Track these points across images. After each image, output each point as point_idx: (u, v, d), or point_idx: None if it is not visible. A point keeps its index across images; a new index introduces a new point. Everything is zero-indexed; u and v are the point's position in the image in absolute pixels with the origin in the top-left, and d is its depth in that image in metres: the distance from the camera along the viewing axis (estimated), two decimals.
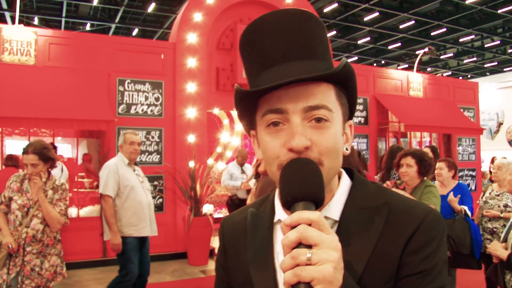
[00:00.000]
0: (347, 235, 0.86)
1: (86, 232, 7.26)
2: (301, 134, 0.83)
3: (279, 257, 0.93)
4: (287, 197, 0.76)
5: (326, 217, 0.89)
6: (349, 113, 0.98)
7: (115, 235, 4.51)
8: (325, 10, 17.37)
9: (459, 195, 4.52)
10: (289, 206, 0.76)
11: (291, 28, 0.88)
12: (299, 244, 0.68)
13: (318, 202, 0.76)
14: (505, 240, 3.61)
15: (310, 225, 0.69)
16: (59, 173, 6.76)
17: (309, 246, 0.68)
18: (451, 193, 4.55)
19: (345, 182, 0.97)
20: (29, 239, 3.70)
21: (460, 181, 5.35)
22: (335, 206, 0.91)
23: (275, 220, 0.98)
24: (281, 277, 0.88)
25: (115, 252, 4.62)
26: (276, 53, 0.88)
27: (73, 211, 7.57)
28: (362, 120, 10.43)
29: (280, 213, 0.97)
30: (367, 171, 4.77)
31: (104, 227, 4.83)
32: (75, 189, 7.94)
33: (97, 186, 7.60)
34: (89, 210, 7.67)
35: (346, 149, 0.94)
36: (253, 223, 1.03)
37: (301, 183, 0.76)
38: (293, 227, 0.71)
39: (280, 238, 0.91)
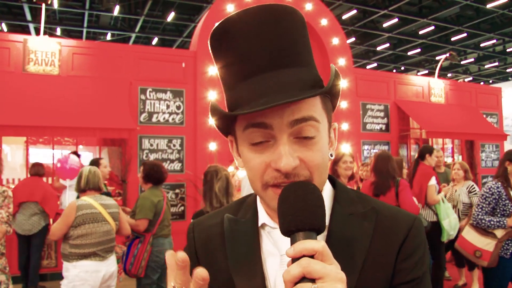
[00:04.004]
0: (339, 242, 0.85)
1: None
2: (289, 154, 0.79)
3: (267, 263, 0.90)
4: (291, 227, 0.71)
5: None
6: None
7: None
8: (344, 17, 17.33)
9: None
10: (289, 235, 0.72)
11: (272, 29, 0.80)
12: (303, 278, 0.64)
13: (319, 232, 0.72)
14: None
15: (313, 255, 0.66)
16: None
17: (313, 280, 0.64)
18: None
19: (328, 187, 0.96)
20: None
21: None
22: None
23: (260, 224, 0.94)
24: (270, 283, 0.88)
25: None
26: (256, 60, 0.80)
27: None
28: (383, 127, 10.33)
29: (264, 217, 0.94)
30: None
31: None
32: None
33: (120, 194, 7.68)
34: None
35: (331, 155, 0.90)
36: (232, 229, 0.97)
37: (308, 213, 0.71)
38: (294, 259, 0.67)
39: (266, 243, 0.92)
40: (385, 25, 18.39)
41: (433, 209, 5.52)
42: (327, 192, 0.94)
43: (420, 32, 19.22)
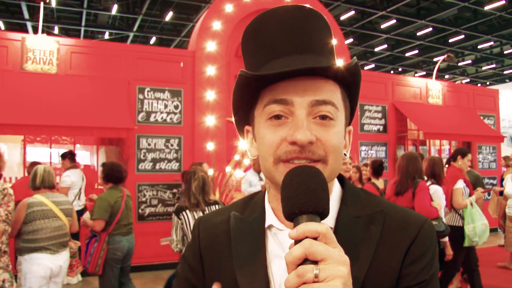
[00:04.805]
0: (344, 245, 0.81)
1: None
2: (306, 128, 0.80)
3: (272, 266, 0.88)
4: (294, 209, 0.70)
5: None
6: (349, 118, 0.95)
7: None
8: (342, 18, 17.34)
9: None
10: (292, 218, 0.71)
11: (300, 23, 0.87)
12: (305, 260, 0.64)
13: (323, 216, 0.71)
14: None
15: (316, 238, 0.65)
16: (81, 182, 6.82)
17: (315, 262, 0.63)
18: None
19: (337, 187, 0.95)
20: None
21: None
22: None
23: (266, 225, 0.92)
24: (275, 286, 0.86)
25: None
26: (283, 46, 0.86)
27: None
28: (381, 128, 10.35)
29: (271, 218, 0.92)
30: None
31: None
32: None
33: None
34: None
35: (345, 154, 0.90)
36: (238, 228, 0.96)
37: (311, 196, 0.71)
38: (296, 241, 0.66)
39: (272, 245, 0.91)
40: (383, 26, 18.42)
41: (460, 213, 5.30)
42: (335, 193, 0.94)
43: (418, 34, 19.26)
